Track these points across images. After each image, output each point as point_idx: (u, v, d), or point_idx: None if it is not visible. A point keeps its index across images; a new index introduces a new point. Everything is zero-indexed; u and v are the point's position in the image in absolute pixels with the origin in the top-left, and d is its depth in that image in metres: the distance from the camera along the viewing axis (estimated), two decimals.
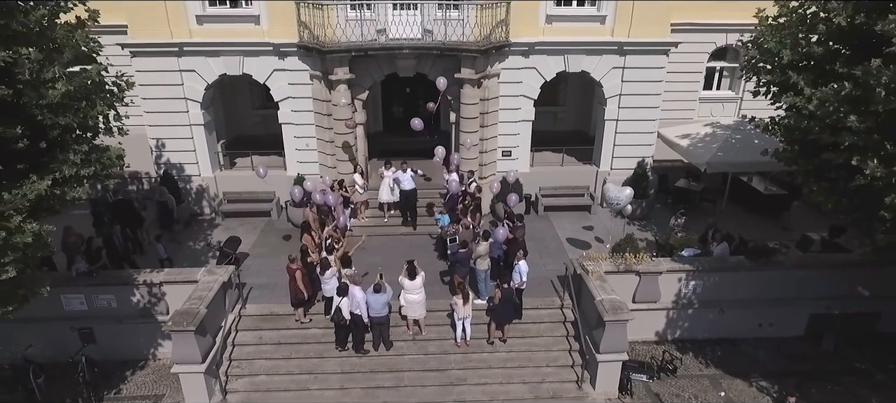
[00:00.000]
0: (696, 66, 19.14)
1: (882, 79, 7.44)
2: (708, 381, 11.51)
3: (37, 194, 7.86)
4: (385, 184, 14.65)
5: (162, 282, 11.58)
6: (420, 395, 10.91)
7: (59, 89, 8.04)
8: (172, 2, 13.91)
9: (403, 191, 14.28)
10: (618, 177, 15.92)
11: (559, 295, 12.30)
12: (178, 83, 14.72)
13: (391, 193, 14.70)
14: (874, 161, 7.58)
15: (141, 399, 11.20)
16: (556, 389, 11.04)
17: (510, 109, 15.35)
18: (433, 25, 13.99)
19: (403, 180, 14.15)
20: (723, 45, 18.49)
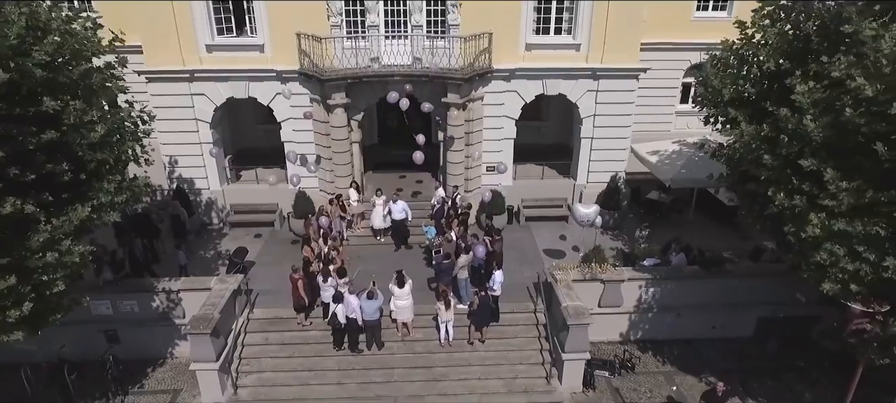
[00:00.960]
0: (672, 82, 20.77)
1: (788, 125, 9.00)
2: (663, 377, 13.15)
3: (80, 220, 9.45)
4: (377, 212, 15.83)
5: (179, 290, 13.22)
6: (408, 390, 12.54)
7: (99, 131, 9.64)
8: (185, 32, 15.47)
9: (394, 221, 15.61)
10: (593, 190, 17.55)
11: (533, 301, 13.93)
12: (189, 105, 16.31)
13: (383, 220, 15.89)
14: (781, 194, 9.15)
15: (161, 393, 12.85)
16: (527, 384, 12.68)
17: (494, 128, 16.93)
18: (422, 54, 15.55)
19: (395, 211, 15.46)
20: (697, 62, 20.02)
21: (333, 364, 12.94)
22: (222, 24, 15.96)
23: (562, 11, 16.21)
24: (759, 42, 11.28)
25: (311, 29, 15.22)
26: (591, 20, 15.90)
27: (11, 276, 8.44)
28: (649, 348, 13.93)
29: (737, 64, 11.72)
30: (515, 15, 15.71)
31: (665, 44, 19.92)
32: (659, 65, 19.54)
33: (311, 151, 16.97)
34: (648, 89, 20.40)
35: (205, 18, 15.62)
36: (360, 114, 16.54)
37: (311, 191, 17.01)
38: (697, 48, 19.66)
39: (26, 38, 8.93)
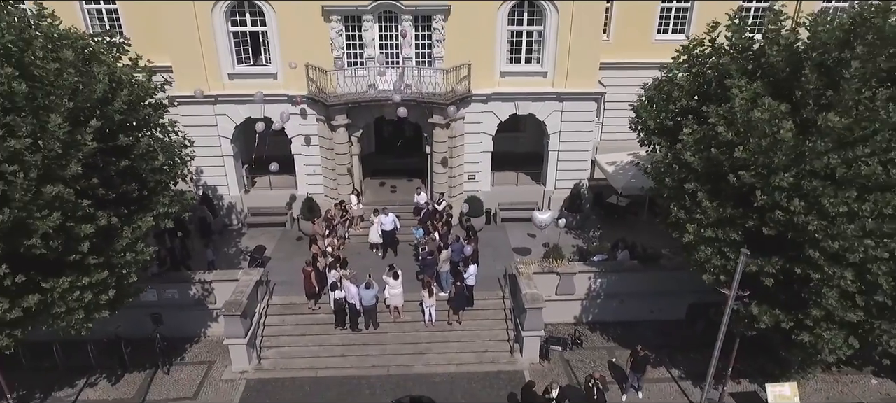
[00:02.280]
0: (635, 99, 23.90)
1: (680, 156, 12.21)
2: (605, 351, 16.47)
3: (148, 227, 12.72)
4: (374, 229, 18.73)
5: (212, 280, 16.53)
6: (398, 361, 15.85)
7: (160, 160, 12.89)
8: (210, 63, 18.65)
9: (385, 230, 18.64)
10: (560, 195, 20.83)
11: (502, 289, 17.23)
12: (213, 124, 19.51)
13: (379, 236, 18.76)
14: (675, 208, 12.38)
15: (199, 364, 16.18)
16: (495, 356, 15.99)
17: (473, 143, 20.14)
18: (412, 80, 18.72)
19: (385, 222, 18.51)
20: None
21: (338, 341, 16.26)
22: (241, 55, 19.14)
23: (531, 44, 19.37)
24: (676, 82, 14.45)
25: (317, 61, 18.41)
26: (556, 52, 19.04)
27: (104, 271, 11.72)
28: (597, 328, 17.25)
29: (661, 99, 14.86)
30: (491, 47, 18.87)
31: (629, 63, 23.11)
32: (624, 81, 22.73)
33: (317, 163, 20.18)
34: (614, 104, 23.68)
35: (227, 51, 18.80)
36: (359, 131, 19.76)
37: (317, 196, 20.29)
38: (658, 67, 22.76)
39: (108, 91, 12.14)
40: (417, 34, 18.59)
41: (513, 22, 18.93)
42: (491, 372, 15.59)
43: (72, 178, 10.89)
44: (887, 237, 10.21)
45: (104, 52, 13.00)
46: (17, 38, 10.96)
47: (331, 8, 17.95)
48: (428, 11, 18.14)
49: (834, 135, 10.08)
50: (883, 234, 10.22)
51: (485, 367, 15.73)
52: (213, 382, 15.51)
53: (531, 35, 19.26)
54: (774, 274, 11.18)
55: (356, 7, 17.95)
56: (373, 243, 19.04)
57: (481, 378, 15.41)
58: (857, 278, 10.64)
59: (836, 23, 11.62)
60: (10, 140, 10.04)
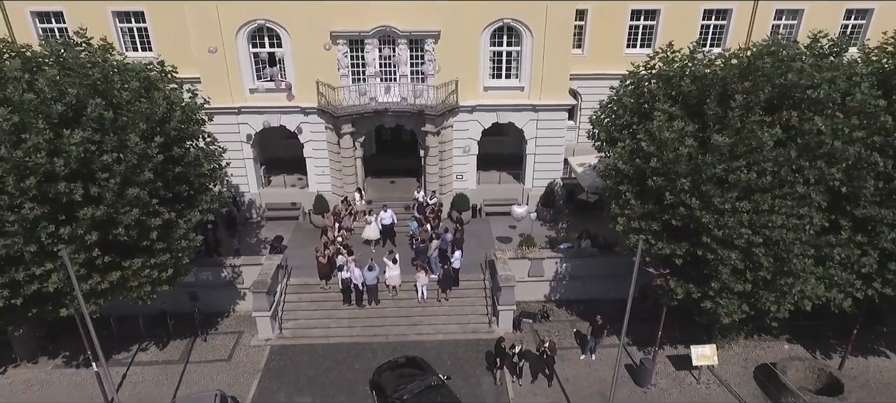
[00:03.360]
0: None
1: (619, 163, 15.81)
2: (569, 324, 20.16)
3: (197, 220, 16.38)
4: (372, 227, 22.13)
5: (240, 265, 20.21)
6: (396, 331, 19.52)
7: (206, 166, 16.54)
8: (234, 79, 22.24)
9: (384, 225, 22.27)
10: (537, 192, 24.47)
11: (483, 272, 20.90)
12: (236, 131, 23.13)
13: (377, 233, 22.11)
14: (613, 204, 15.99)
15: (230, 333, 19.89)
16: (476, 327, 19.68)
17: (462, 148, 23.73)
18: (407, 94, 22.29)
19: (385, 217, 22.16)
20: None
21: (345, 315, 19.95)
22: (260, 72, 22.72)
23: (510, 63, 22.94)
24: (622, 102, 18.02)
25: (326, 78, 22.00)
26: (531, 69, 22.61)
27: (166, 254, 15.40)
28: (563, 305, 20.95)
29: (610, 116, 18.43)
30: (475, 66, 22.44)
31: (602, 74, 26.62)
32: (597, 90, 26.22)
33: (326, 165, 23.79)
34: (589, 110, 27.17)
35: (248, 68, 22.39)
36: (362, 137, 23.37)
37: (325, 193, 23.94)
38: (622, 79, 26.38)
39: (166, 113, 15.76)
40: (411, 55, 22.15)
41: (494, 43, 22.50)
42: (472, 340, 19.28)
43: (144, 183, 14.53)
44: (763, 227, 13.81)
45: (160, 80, 16.59)
46: (102, 75, 14.57)
47: (338, 33, 21.51)
48: (420, 35, 21.70)
49: (721, 151, 13.68)
50: (760, 225, 13.83)
51: (467, 336, 19.43)
52: (243, 348, 19.23)
53: (510, 55, 22.83)
54: (683, 256, 14.82)
55: (359, 32, 21.51)
56: (367, 239, 22.20)
57: (464, 344, 19.11)
58: (745, 258, 14.27)
59: (733, 62, 15.20)
60: (103, 155, 13.68)
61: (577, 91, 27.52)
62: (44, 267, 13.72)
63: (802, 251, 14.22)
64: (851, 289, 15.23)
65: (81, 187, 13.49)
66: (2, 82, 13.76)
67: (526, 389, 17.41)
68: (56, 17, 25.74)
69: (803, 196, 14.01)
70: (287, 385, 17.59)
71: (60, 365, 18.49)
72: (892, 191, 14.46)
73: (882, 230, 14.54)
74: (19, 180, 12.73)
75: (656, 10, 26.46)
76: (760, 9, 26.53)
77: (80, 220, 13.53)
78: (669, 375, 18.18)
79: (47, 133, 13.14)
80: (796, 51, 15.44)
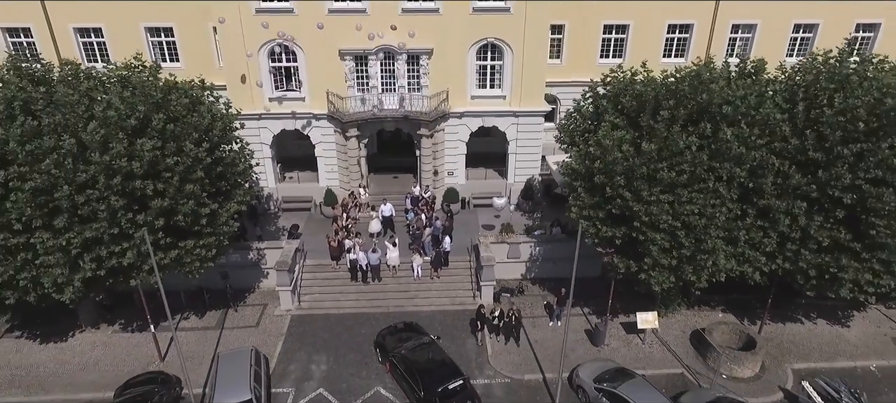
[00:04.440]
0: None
1: (573, 163, 20.10)
2: (540, 297, 24.53)
3: (235, 210, 20.73)
4: (374, 220, 26.52)
5: (264, 248, 24.60)
6: (395, 303, 23.91)
7: (241, 166, 20.87)
8: (256, 89, 26.52)
9: (385, 216, 26.61)
10: (518, 186, 28.82)
11: (469, 254, 25.26)
12: (257, 135, 27.43)
13: (379, 225, 26.38)
14: (570, 197, 20.31)
15: (256, 306, 24.29)
16: (462, 300, 24.06)
17: (452, 148, 28.06)
18: (406, 101, 26.56)
19: (385, 210, 26.50)
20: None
21: (353, 290, 24.34)
22: (278, 83, 26.99)
23: (494, 75, 27.21)
24: (581, 112, 22.29)
25: (335, 89, 26.29)
26: (512, 80, 26.87)
27: (212, 237, 19.76)
28: (536, 282, 25.34)
29: (574, 123, 22.71)
30: (464, 77, 26.70)
31: (578, 81, 30.82)
32: (574, 95, 30.37)
33: (334, 163, 28.13)
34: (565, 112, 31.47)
35: (268, 80, 26.66)
36: (366, 139, 27.69)
37: (334, 187, 28.28)
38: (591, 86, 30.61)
39: (210, 123, 20.06)
40: (408, 69, 26.40)
41: (480, 58, 26.77)
42: (459, 310, 23.66)
43: (196, 180, 18.85)
44: (682, 215, 18.11)
45: (203, 95, 20.88)
46: (162, 94, 18.88)
47: (345, 50, 25.77)
48: (416, 52, 25.94)
49: (649, 155, 17.96)
50: (680, 213, 18.12)
51: (455, 307, 23.81)
52: (268, 317, 23.64)
53: (494, 68, 27.12)
54: (622, 238, 19.15)
55: (364, 50, 25.76)
56: (372, 232, 26.40)
57: (452, 314, 23.50)
58: (670, 239, 18.57)
59: (662, 82, 19.48)
60: (166, 159, 18.00)
61: (556, 96, 31.84)
62: (121, 246, 18.06)
63: (716, 233, 18.53)
64: (759, 264, 19.55)
65: (151, 184, 17.81)
66: (85, 103, 18.02)
67: (501, 348, 21.81)
68: (95, 31, 30.02)
69: (715, 190, 18.30)
70: (306, 346, 21.99)
71: (118, 330, 22.91)
72: (787, 186, 18.73)
73: (779, 217, 18.83)
74: (108, 179, 17.05)
75: (626, 24, 30.71)
76: (719, 23, 30.73)
77: (150, 209, 17.87)
78: (620, 337, 22.55)
79: (125, 142, 17.46)
80: (716, 74, 19.66)
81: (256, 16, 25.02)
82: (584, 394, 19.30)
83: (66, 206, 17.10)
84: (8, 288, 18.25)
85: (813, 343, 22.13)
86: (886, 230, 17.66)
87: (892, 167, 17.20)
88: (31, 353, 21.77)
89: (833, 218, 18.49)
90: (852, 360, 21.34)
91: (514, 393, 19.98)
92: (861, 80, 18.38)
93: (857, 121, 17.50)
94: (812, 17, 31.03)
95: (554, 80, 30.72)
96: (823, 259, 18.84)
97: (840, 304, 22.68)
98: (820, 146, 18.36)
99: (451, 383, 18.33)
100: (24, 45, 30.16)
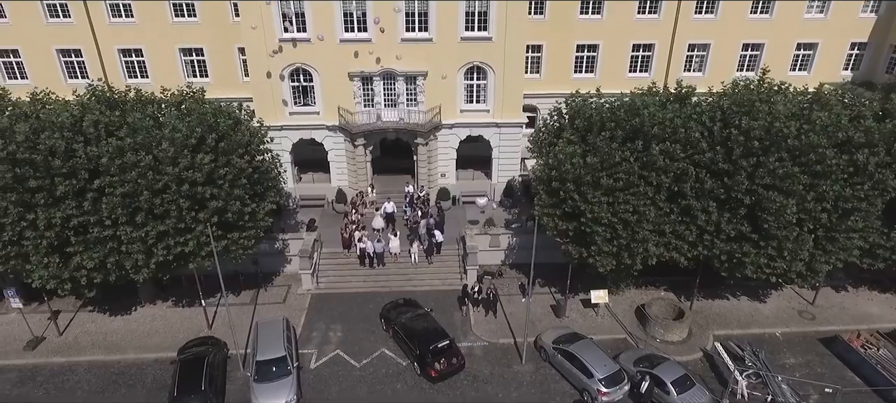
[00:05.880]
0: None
1: (536, 172, 26.15)
2: (516, 280, 30.71)
3: (269, 208, 26.89)
4: (378, 217, 32.82)
5: (287, 238, 30.80)
6: (396, 284, 30.12)
7: (274, 173, 27.01)
8: (278, 105, 32.56)
9: (387, 213, 32.82)
10: (500, 186, 34.94)
11: (458, 244, 31.43)
12: (279, 143, 33.51)
13: (382, 221, 32.80)
14: (535, 198, 26.37)
15: (282, 286, 30.54)
16: (451, 282, 30.26)
17: (444, 154, 34.16)
18: (404, 115, 32.58)
19: (387, 207, 32.75)
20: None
21: (361, 273, 30.57)
22: (297, 99, 33.02)
23: (480, 92, 33.22)
24: (549, 127, 28.30)
25: (345, 105, 32.35)
26: (495, 96, 32.88)
27: (252, 229, 25.94)
28: (513, 267, 31.53)
29: (544, 136, 28.72)
30: (454, 94, 32.71)
31: (555, 93, 36.84)
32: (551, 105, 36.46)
33: (344, 166, 34.25)
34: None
35: (289, 96, 32.70)
36: (371, 146, 33.78)
37: (344, 187, 34.44)
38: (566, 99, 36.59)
39: (249, 139, 26.15)
40: (407, 88, 32.42)
41: (467, 79, 32.76)
42: (449, 290, 29.83)
43: (242, 185, 24.94)
44: (618, 213, 24.14)
45: (242, 118, 26.95)
46: (213, 117, 24.94)
47: (353, 73, 31.77)
48: (414, 74, 31.95)
49: (593, 166, 23.96)
50: (617, 211, 24.15)
51: (445, 287, 30.01)
52: (292, 295, 29.88)
53: (479, 86, 33.12)
54: (573, 230, 25.24)
55: (369, 72, 31.75)
56: (375, 227, 32.80)
57: (443, 293, 29.68)
58: (611, 232, 24.60)
59: (607, 107, 25.49)
60: (219, 170, 24.08)
61: (536, 106, 37.92)
62: (184, 237, 24.19)
63: (646, 227, 24.59)
64: (683, 252, 25.62)
65: (209, 189, 23.89)
66: (159, 125, 24.09)
67: (482, 319, 28.00)
68: (136, 52, 36.10)
69: (645, 193, 24.33)
70: (325, 318, 28.21)
71: (171, 305, 29.16)
72: (703, 190, 24.73)
73: (697, 214, 24.85)
74: (177, 186, 23.13)
75: (596, 44, 36.71)
76: (677, 43, 36.70)
77: (208, 209, 23.99)
78: (579, 310, 28.74)
79: (188, 157, 23.52)
80: (649, 101, 25.62)
81: (280, 42, 31.01)
82: (545, 353, 25.46)
83: (145, 207, 23.22)
84: (99, 270, 24.37)
85: (733, 315, 28.31)
86: (775, 224, 23.69)
87: (778, 176, 23.21)
88: (104, 323, 28.04)
89: (737, 215, 24.52)
90: (763, 328, 27.52)
91: (491, 353, 26.17)
92: (759, 108, 24.32)
93: (753, 140, 23.49)
94: (758, 38, 36.97)
95: (534, 92, 36.86)
96: (731, 246, 24.91)
97: (761, 284, 28.72)
98: (728, 158, 24.35)
99: (440, 343, 24.52)
100: (74, 63, 36.30)
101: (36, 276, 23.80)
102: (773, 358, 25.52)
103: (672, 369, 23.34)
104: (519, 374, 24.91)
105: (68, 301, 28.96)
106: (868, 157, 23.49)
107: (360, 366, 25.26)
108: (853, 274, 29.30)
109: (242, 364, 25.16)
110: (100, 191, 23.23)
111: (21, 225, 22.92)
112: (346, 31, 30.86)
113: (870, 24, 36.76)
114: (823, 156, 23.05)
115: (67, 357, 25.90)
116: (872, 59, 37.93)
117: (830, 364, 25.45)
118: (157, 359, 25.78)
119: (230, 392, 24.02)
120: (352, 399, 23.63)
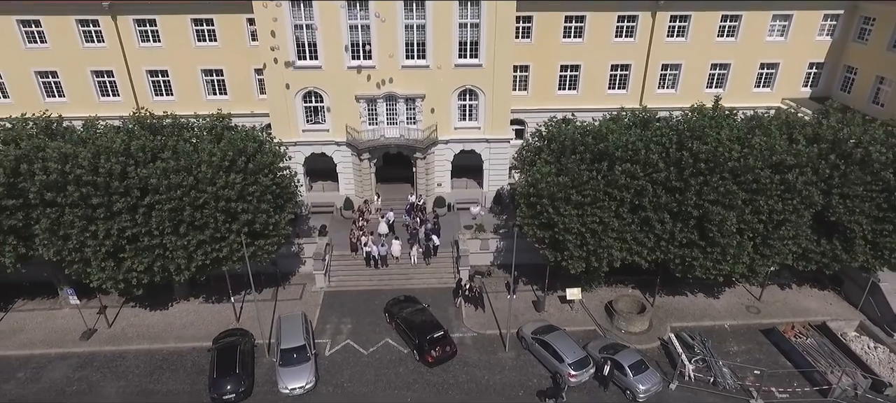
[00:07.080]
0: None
1: (518, 187, 31.32)
2: (503, 278, 35.99)
3: (288, 218, 32.13)
4: (382, 224, 38.07)
5: (302, 242, 36.08)
6: (398, 283, 35.42)
7: (292, 187, 32.23)
8: (292, 123, 37.68)
9: (389, 222, 38.02)
10: (491, 194, 40.11)
11: (452, 247, 36.70)
12: (292, 157, 38.66)
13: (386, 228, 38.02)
14: (517, 210, 31.51)
15: (298, 284, 35.88)
16: (446, 280, 35.57)
17: (440, 166, 39.33)
18: (405, 131, 37.70)
19: (389, 216, 37.96)
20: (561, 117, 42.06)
21: (368, 274, 35.88)
22: (309, 117, 38.14)
23: (472, 111, 38.34)
24: (531, 147, 33.44)
25: (352, 123, 37.48)
26: (485, 114, 37.99)
27: (275, 237, 31.18)
28: (501, 267, 36.80)
29: (527, 154, 33.85)
30: (449, 114, 37.83)
31: (541, 109, 41.96)
32: (538, 120, 41.61)
33: (351, 177, 39.48)
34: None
35: (302, 115, 37.84)
36: (375, 159, 38.97)
37: (351, 196, 39.68)
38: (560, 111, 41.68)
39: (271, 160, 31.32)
40: (407, 108, 37.53)
41: (461, 100, 37.87)
42: (444, 288, 35.12)
43: (267, 200, 30.13)
44: (586, 224, 29.28)
45: (265, 140, 32.09)
46: (242, 142, 30.09)
47: (359, 95, 36.88)
48: (413, 96, 37.05)
49: (563, 184, 29.09)
50: (585, 222, 29.30)
51: (441, 285, 35.31)
52: (307, 292, 35.21)
53: (471, 106, 38.24)
54: (549, 237, 30.43)
55: (373, 95, 36.85)
56: (380, 232, 37.98)
57: (439, 290, 34.97)
58: (581, 239, 29.77)
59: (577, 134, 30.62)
60: (251, 187, 29.26)
61: (524, 120, 43.00)
62: (220, 244, 29.42)
63: (611, 235, 29.77)
64: (643, 256, 30.82)
65: (240, 204, 29.06)
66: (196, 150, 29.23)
67: (472, 313, 33.30)
68: (162, 73, 41.17)
69: (609, 207, 29.48)
70: (336, 312, 33.53)
71: (203, 302, 34.47)
72: (659, 204, 29.87)
73: (654, 224, 30.02)
74: (215, 203, 28.31)
75: (578, 64, 41.72)
76: (651, 63, 41.70)
77: (239, 220, 29.19)
78: (556, 306, 34.05)
79: (223, 177, 28.67)
80: (614, 127, 30.73)
81: (295, 70, 36.07)
82: (525, 342, 30.76)
83: (188, 220, 28.44)
84: (147, 272, 29.62)
85: (690, 310, 33.61)
86: (719, 233, 28.87)
87: (721, 192, 28.36)
88: (145, 317, 33.37)
89: (688, 225, 29.71)
90: (714, 321, 32.82)
91: (479, 342, 31.48)
92: (708, 133, 29.42)
93: (700, 162, 28.61)
94: (725, 59, 41.98)
95: (522, 108, 41.94)
96: (683, 251, 30.13)
97: (714, 283, 33.95)
98: (680, 177, 29.49)
99: (436, 333, 29.82)
100: (106, 83, 41.39)
101: (95, 278, 29.06)
102: (720, 347, 30.81)
103: (630, 355, 28.61)
104: (503, 360, 30.22)
105: (112, 297, 34.24)
106: (797, 177, 28.62)
107: (367, 353, 30.57)
108: (796, 273, 34.50)
109: (267, 352, 30.49)
110: (150, 206, 28.43)
111: (84, 236, 28.14)
112: (353, 58, 35.96)
113: (826, 46, 41.75)
114: (759, 176, 28.20)
115: (117, 346, 31.22)
116: (829, 76, 42.96)
117: (768, 351, 30.75)
118: (194, 348, 31.09)
119: (258, 375, 29.32)
120: (361, 381, 28.94)
